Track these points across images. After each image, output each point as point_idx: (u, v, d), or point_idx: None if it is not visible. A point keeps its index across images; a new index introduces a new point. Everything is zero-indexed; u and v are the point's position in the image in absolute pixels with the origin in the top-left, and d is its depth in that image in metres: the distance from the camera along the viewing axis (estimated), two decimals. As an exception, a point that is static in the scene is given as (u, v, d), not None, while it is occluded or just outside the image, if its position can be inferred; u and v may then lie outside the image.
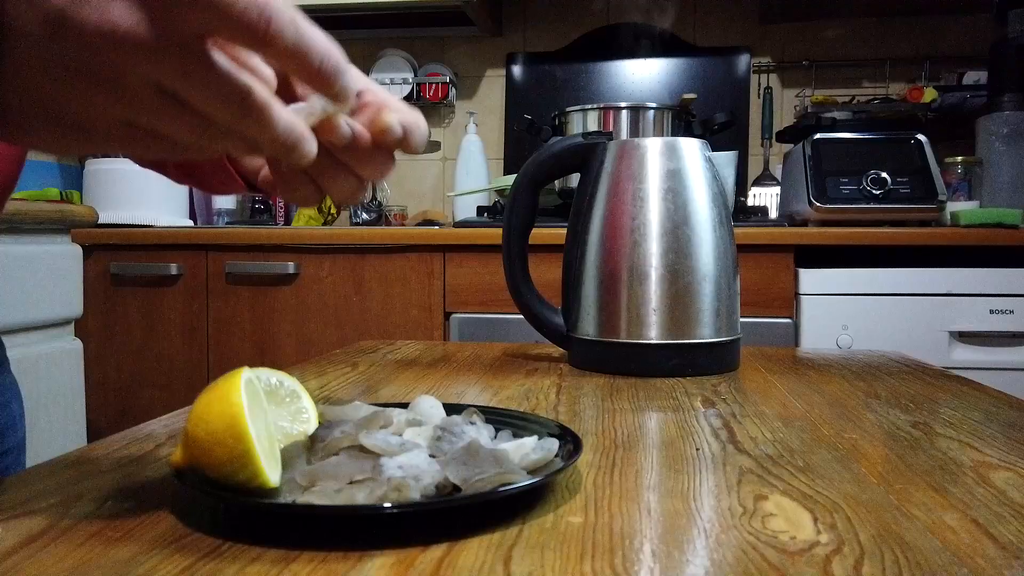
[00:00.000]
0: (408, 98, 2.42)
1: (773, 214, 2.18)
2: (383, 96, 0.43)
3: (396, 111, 0.41)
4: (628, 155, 0.81)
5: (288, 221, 2.38)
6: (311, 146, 0.37)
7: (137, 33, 0.31)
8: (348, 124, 0.40)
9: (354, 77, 0.39)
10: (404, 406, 0.48)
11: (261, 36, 0.32)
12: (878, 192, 1.77)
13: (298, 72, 0.35)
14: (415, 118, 0.42)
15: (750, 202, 2.26)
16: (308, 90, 0.38)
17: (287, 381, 0.45)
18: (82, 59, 0.32)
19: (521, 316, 0.86)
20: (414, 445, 0.40)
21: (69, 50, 0.32)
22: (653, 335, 0.78)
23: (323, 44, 0.34)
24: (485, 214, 2.01)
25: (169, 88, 0.33)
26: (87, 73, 0.32)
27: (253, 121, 0.34)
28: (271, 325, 1.90)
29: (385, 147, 0.42)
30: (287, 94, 0.39)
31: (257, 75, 0.35)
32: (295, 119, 0.36)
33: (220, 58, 0.33)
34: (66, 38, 0.31)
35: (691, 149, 0.81)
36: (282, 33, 0.32)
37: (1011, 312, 1.65)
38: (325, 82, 0.35)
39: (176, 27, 0.31)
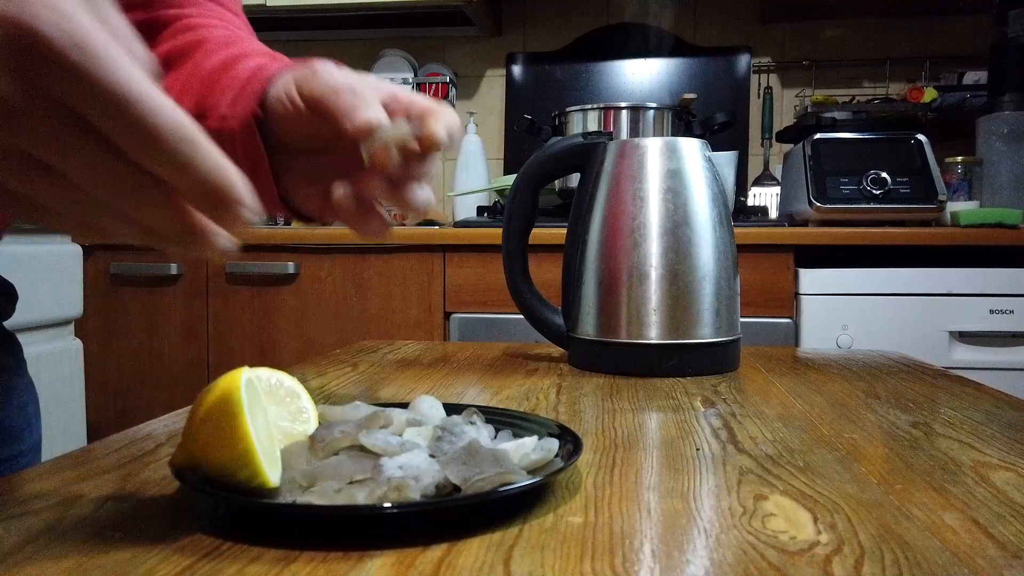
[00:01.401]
0: (408, 98, 2.41)
1: (773, 214, 2.18)
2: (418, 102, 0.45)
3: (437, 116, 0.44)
4: (628, 155, 0.81)
5: (288, 221, 2.38)
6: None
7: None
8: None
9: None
10: (404, 406, 0.48)
11: (128, 122, 0.27)
12: (878, 192, 1.77)
13: (179, 187, 0.29)
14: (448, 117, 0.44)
15: (750, 202, 2.26)
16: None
17: (287, 381, 0.45)
18: None
19: (521, 316, 0.86)
20: (414, 445, 0.40)
21: None
22: (653, 335, 0.78)
23: (213, 162, 0.28)
24: (485, 214, 2.01)
25: (39, 158, 0.28)
26: None
27: (149, 208, 0.29)
28: (271, 325, 1.90)
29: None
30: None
31: None
32: (193, 214, 0.30)
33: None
34: None
35: (691, 149, 0.81)
36: (155, 126, 0.27)
37: (1011, 312, 1.65)
38: (210, 204, 0.29)
39: (43, 92, 0.27)
